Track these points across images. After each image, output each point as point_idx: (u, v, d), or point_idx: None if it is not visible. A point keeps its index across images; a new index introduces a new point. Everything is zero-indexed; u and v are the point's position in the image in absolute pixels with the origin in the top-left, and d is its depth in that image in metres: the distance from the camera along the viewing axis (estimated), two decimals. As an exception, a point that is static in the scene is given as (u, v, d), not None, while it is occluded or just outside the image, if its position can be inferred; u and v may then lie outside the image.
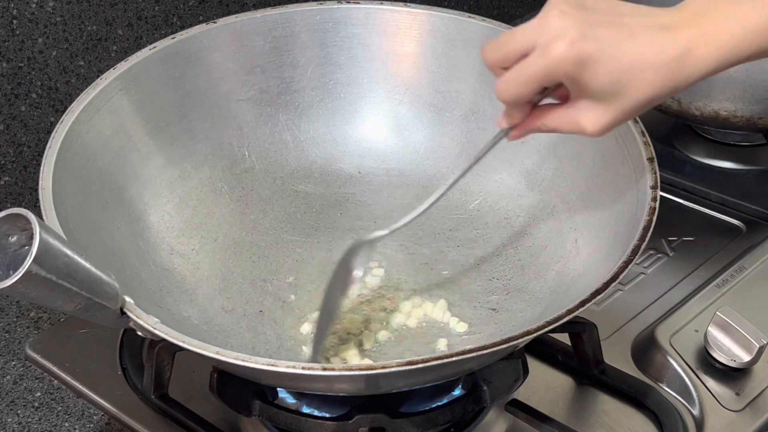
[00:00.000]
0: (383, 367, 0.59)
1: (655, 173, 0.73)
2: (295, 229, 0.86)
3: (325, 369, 0.59)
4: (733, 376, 0.77)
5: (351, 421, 0.68)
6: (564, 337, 0.78)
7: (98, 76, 0.80)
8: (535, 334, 0.62)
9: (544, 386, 0.78)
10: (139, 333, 0.65)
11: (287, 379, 0.67)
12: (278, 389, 0.73)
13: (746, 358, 0.76)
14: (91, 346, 0.82)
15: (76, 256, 0.59)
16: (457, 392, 0.73)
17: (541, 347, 0.80)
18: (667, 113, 1.04)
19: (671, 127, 1.11)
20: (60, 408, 0.83)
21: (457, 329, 0.77)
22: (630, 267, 0.66)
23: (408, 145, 0.91)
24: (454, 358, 0.59)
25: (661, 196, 0.71)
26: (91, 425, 0.81)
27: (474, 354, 0.60)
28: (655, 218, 0.69)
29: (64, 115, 0.76)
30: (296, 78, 0.90)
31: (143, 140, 0.82)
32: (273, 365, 0.59)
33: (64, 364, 0.80)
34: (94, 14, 1.01)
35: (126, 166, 0.80)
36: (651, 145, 0.75)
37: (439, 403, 0.71)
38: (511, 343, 0.61)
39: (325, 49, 0.90)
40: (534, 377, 0.77)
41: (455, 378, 0.72)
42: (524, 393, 0.76)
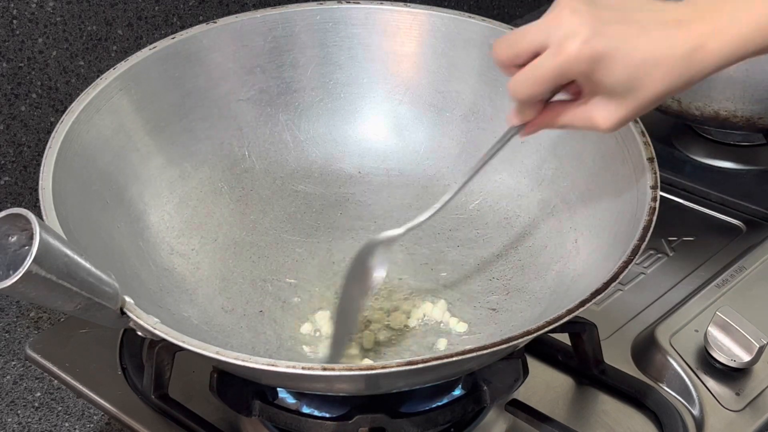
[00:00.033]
0: (383, 367, 0.59)
1: (655, 173, 0.73)
2: (295, 229, 0.86)
3: (325, 369, 0.59)
4: (733, 376, 0.77)
5: (351, 421, 0.68)
6: (564, 337, 0.78)
7: (98, 76, 0.80)
8: (535, 334, 0.62)
9: (544, 386, 0.78)
10: (139, 333, 0.65)
11: (287, 379, 0.67)
12: (278, 389, 0.73)
13: (746, 358, 0.76)
14: (91, 346, 0.82)
15: (76, 256, 0.59)
16: (457, 392, 0.72)
17: (541, 347, 0.80)
18: (667, 113, 1.04)
19: (671, 127, 1.10)
20: (60, 408, 0.83)
21: (457, 329, 0.77)
22: (630, 267, 0.66)
23: (408, 145, 0.91)
24: (454, 358, 0.59)
25: (661, 196, 0.71)
26: (91, 425, 0.81)
27: (474, 354, 0.60)
28: (655, 218, 0.69)
29: (64, 115, 0.75)
30: (296, 78, 0.90)
31: (143, 140, 0.82)
32: (273, 365, 0.59)
33: (64, 364, 0.80)
34: (94, 14, 1.01)
35: (126, 166, 0.80)
36: (651, 145, 0.75)
37: (439, 403, 0.71)
38: (511, 343, 0.61)
39: (325, 49, 0.90)
40: (534, 377, 0.77)
41: (455, 378, 0.72)
42: (524, 393, 0.76)
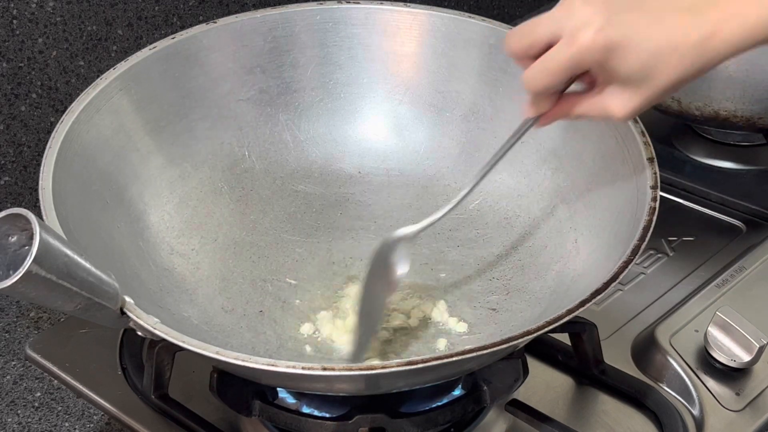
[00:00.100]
0: (383, 367, 0.59)
1: (655, 173, 0.73)
2: (295, 229, 0.86)
3: (325, 369, 0.59)
4: (733, 376, 0.77)
5: (351, 421, 0.68)
6: (564, 337, 0.78)
7: (98, 76, 0.80)
8: (535, 334, 0.62)
9: (544, 386, 0.78)
10: (139, 333, 0.64)
11: (287, 379, 0.66)
12: (278, 389, 0.73)
13: (746, 358, 0.76)
14: (91, 346, 0.82)
15: (76, 256, 0.59)
16: (457, 392, 0.72)
17: (541, 347, 0.80)
18: (667, 113, 1.04)
19: (671, 127, 1.10)
20: (60, 408, 0.83)
21: (457, 329, 0.77)
22: (630, 267, 0.66)
23: (408, 145, 0.91)
24: (454, 358, 0.59)
25: (661, 196, 0.71)
26: (91, 425, 0.81)
27: (474, 354, 0.60)
28: (655, 218, 0.69)
29: (64, 115, 0.75)
30: (296, 78, 0.90)
31: (143, 140, 0.82)
32: (273, 365, 0.59)
33: (64, 364, 0.80)
34: (94, 14, 1.01)
35: (126, 166, 0.80)
36: (651, 145, 0.75)
37: (439, 403, 0.71)
38: (511, 343, 0.61)
39: (325, 49, 0.90)
40: (534, 377, 0.77)
41: (455, 378, 0.72)
42: (524, 393, 0.76)
